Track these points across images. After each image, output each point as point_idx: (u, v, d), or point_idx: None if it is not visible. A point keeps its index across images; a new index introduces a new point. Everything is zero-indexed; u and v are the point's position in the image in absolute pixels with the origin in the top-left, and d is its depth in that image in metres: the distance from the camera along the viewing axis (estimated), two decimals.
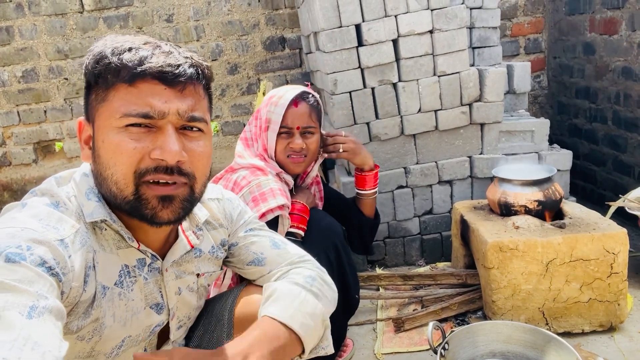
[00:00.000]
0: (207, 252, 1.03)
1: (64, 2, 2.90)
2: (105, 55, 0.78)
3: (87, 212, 0.82)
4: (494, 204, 1.90)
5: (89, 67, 0.81)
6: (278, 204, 1.43)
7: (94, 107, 0.82)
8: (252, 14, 3.00)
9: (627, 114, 2.49)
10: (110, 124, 0.79)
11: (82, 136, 0.86)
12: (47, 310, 0.64)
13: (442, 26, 2.11)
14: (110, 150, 0.79)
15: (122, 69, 0.77)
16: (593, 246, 1.64)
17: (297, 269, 1.04)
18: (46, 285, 0.67)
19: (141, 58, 0.78)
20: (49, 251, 0.71)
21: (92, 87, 0.82)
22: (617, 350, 1.62)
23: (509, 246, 1.66)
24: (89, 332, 0.82)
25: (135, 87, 0.78)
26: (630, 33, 2.39)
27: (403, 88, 2.16)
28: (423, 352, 1.70)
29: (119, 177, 0.79)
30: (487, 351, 1.51)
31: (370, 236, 1.84)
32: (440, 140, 2.26)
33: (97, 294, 0.82)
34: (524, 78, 2.50)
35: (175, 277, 0.96)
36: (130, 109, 0.77)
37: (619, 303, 1.68)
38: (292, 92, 1.55)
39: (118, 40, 0.81)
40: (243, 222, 1.09)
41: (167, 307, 0.95)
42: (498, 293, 1.69)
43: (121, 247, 0.87)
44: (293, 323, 0.88)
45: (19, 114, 3.04)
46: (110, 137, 0.79)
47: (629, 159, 2.52)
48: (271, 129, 1.55)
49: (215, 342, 1.05)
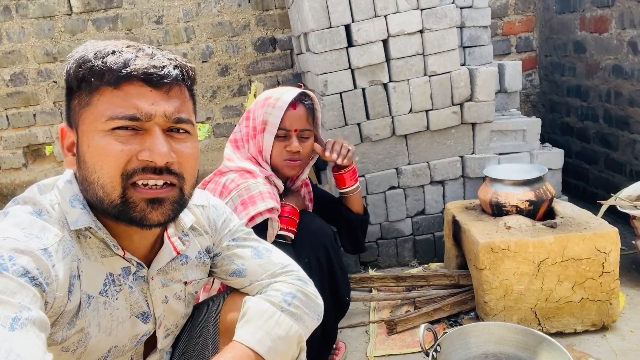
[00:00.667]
0: (194, 258, 1.02)
1: (52, 5, 2.87)
2: (88, 59, 0.77)
3: (72, 220, 0.81)
4: (485, 204, 1.89)
5: (71, 72, 0.80)
6: (267, 207, 1.42)
7: (77, 113, 0.80)
8: (243, 14, 2.99)
9: (618, 112, 2.50)
10: (95, 127, 0.77)
11: (64, 143, 0.85)
12: (30, 322, 0.63)
13: (432, 26, 2.10)
14: (96, 153, 0.77)
15: (106, 72, 0.76)
16: (584, 245, 1.64)
17: (278, 284, 1.01)
18: (29, 296, 0.66)
19: (125, 60, 0.77)
20: (32, 261, 0.70)
21: (75, 92, 0.80)
22: (610, 349, 1.62)
23: (500, 247, 1.65)
24: (73, 342, 0.80)
25: (121, 89, 0.77)
26: (620, 31, 2.39)
27: (394, 88, 2.15)
28: (415, 354, 1.69)
29: (105, 181, 0.78)
30: (480, 353, 1.50)
31: (361, 233, 1.82)
32: (432, 141, 2.25)
33: (82, 303, 0.80)
34: (515, 77, 2.50)
35: (161, 285, 0.95)
36: (116, 111, 0.76)
37: (611, 302, 1.68)
38: (290, 93, 1.53)
39: (99, 45, 0.80)
40: (228, 230, 1.07)
41: (154, 316, 0.94)
42: (490, 294, 1.68)
43: (106, 255, 0.85)
44: (260, 347, 0.87)
45: (7, 117, 3.01)
46: (95, 140, 0.77)
47: (621, 157, 2.52)
48: (268, 130, 1.52)
49: (201, 348, 1.04)
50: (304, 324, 0.98)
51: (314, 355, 1.56)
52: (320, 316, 1.04)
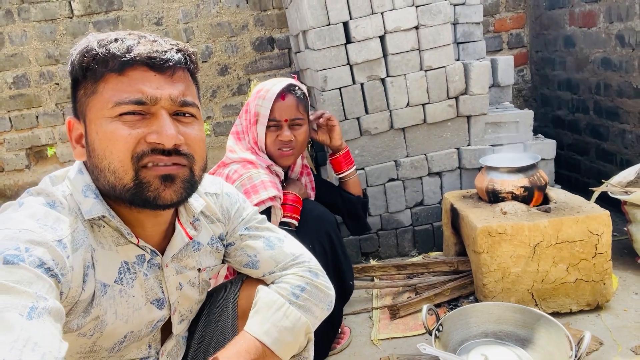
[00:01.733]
0: (207, 245, 1.03)
1: (54, 8, 2.93)
2: (92, 48, 0.79)
3: (85, 209, 0.82)
4: (482, 192, 1.96)
5: (76, 63, 0.81)
6: (269, 196, 1.47)
7: (83, 103, 0.82)
8: (241, 15, 3.05)
9: (607, 103, 2.58)
10: (102, 115, 0.79)
11: (72, 135, 0.85)
12: (47, 311, 0.64)
13: (427, 22, 2.17)
14: (105, 139, 0.79)
15: (110, 58, 0.78)
16: (577, 228, 1.71)
17: (288, 277, 1.04)
18: (45, 286, 0.67)
19: (128, 46, 0.78)
20: (48, 252, 0.71)
21: (80, 82, 0.82)
22: (605, 327, 1.69)
23: (497, 230, 1.72)
24: (90, 329, 0.82)
25: (125, 75, 0.78)
26: (608, 25, 2.47)
27: (391, 83, 2.22)
28: (418, 336, 1.75)
29: (116, 165, 0.79)
30: (480, 331, 1.57)
31: (363, 213, 1.91)
32: (429, 133, 2.32)
33: (96, 292, 0.82)
34: (508, 71, 2.58)
35: (175, 272, 0.96)
36: (122, 97, 0.78)
37: (604, 282, 1.75)
38: (278, 85, 1.60)
39: (101, 35, 0.82)
40: (241, 219, 1.08)
41: (169, 302, 0.96)
42: (488, 276, 1.75)
43: (120, 243, 0.87)
44: (266, 338, 0.92)
45: (10, 120, 3.05)
46: (104, 127, 0.79)
47: (611, 147, 2.60)
48: (260, 122, 1.59)
49: (220, 332, 1.07)
50: (312, 315, 1.02)
51: (320, 339, 1.62)
52: (330, 306, 1.07)
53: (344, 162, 1.82)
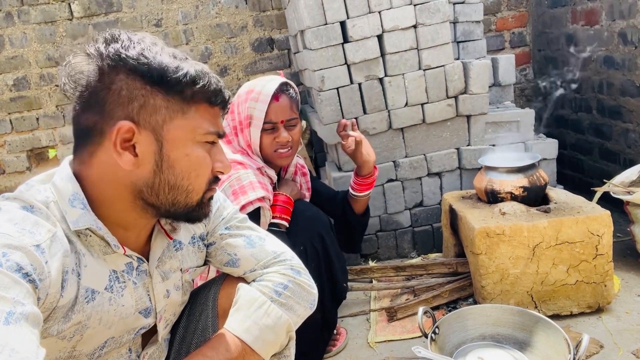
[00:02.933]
0: (188, 244, 1.02)
1: (53, 10, 2.93)
2: (200, 77, 0.83)
3: (72, 220, 0.81)
4: (481, 192, 1.93)
5: (180, 80, 0.80)
6: (257, 197, 1.45)
7: (161, 115, 0.81)
8: (240, 16, 3.04)
9: (610, 102, 2.54)
10: (193, 137, 0.84)
11: (120, 138, 0.79)
12: (24, 317, 0.63)
13: (426, 20, 2.15)
14: (196, 163, 0.85)
15: (212, 93, 0.85)
16: (578, 229, 1.68)
17: (270, 275, 1.03)
18: (23, 291, 0.66)
19: (220, 86, 0.87)
20: (25, 257, 0.70)
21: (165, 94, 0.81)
22: (606, 330, 1.66)
23: (495, 231, 1.69)
24: (70, 332, 0.81)
25: (214, 109, 0.87)
26: (611, 23, 2.44)
27: (389, 83, 2.20)
28: (416, 338, 1.73)
29: (196, 188, 0.86)
30: (477, 334, 1.54)
31: (359, 236, 1.86)
32: (428, 133, 2.30)
33: (78, 298, 0.80)
34: (509, 70, 2.55)
35: (161, 279, 0.95)
36: (211, 127, 0.86)
37: (605, 284, 1.71)
38: (270, 85, 1.55)
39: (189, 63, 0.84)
40: (222, 218, 1.07)
41: (155, 311, 0.95)
42: (487, 278, 1.72)
43: (107, 252, 0.86)
44: (246, 336, 0.91)
45: (11, 122, 3.07)
46: (196, 150, 0.85)
47: (614, 147, 2.56)
48: (254, 125, 1.54)
49: (201, 331, 1.06)
50: (294, 314, 1.00)
51: (315, 340, 1.60)
52: (313, 305, 1.05)
53: (365, 186, 1.77)
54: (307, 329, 1.48)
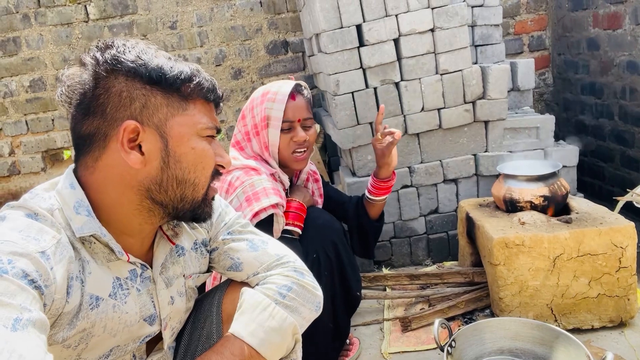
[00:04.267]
0: (190, 249, 1.02)
1: (70, 12, 2.94)
2: (193, 75, 0.87)
3: (76, 227, 0.81)
4: (499, 201, 1.89)
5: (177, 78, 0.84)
6: (271, 203, 1.43)
7: (163, 113, 0.83)
8: (255, 18, 3.02)
9: (633, 108, 2.47)
10: (195, 132, 0.86)
11: (126, 138, 0.81)
12: (31, 323, 0.64)
13: (443, 24, 2.11)
14: (202, 155, 0.87)
15: (207, 90, 0.88)
16: (600, 240, 1.62)
17: (273, 277, 1.02)
18: (29, 297, 0.67)
19: (214, 84, 0.91)
20: (31, 263, 0.70)
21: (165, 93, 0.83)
22: (628, 346, 1.60)
23: (514, 242, 1.64)
24: (75, 340, 0.81)
25: (209, 104, 0.90)
26: (634, 27, 2.37)
27: (405, 87, 2.16)
28: (430, 350, 1.69)
29: (202, 180, 0.88)
30: (495, 348, 1.49)
31: (373, 240, 1.83)
32: (444, 139, 2.25)
33: (83, 304, 0.80)
34: (528, 75, 2.49)
35: (165, 285, 0.95)
36: (210, 122, 0.89)
37: (628, 298, 1.66)
38: (286, 86, 1.55)
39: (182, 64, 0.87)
40: (224, 224, 1.08)
41: (159, 318, 0.95)
42: (505, 290, 1.67)
43: (111, 259, 0.86)
44: (252, 340, 0.89)
45: (27, 123, 3.09)
46: (199, 143, 0.87)
47: (637, 154, 2.49)
48: (272, 125, 1.53)
49: (205, 338, 1.05)
50: (300, 316, 0.99)
51: (327, 350, 1.57)
52: (319, 307, 1.04)
53: (383, 190, 1.75)
54: (318, 338, 1.46)
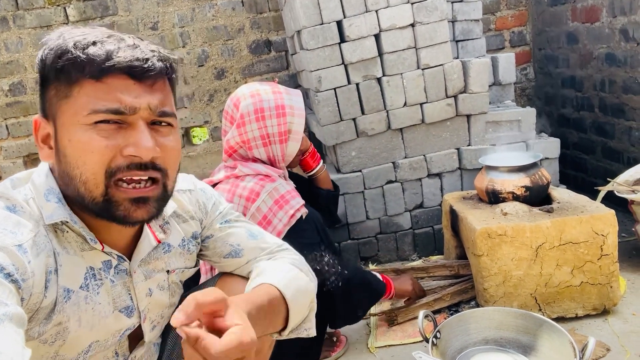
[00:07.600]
0: (177, 246, 0.99)
1: (49, 14, 2.91)
2: (67, 50, 0.74)
3: (46, 214, 0.79)
4: (482, 193, 1.90)
5: (47, 62, 0.76)
6: (300, 204, 1.53)
7: (54, 104, 0.78)
8: (237, 18, 3.01)
9: (613, 100, 2.50)
10: (76, 121, 0.75)
11: (39, 135, 0.81)
12: (8, 318, 0.62)
13: (423, 19, 2.12)
14: (79, 148, 0.75)
15: (87, 64, 0.74)
16: (582, 229, 1.63)
17: (281, 252, 1.04)
18: (5, 292, 0.65)
19: (108, 52, 0.74)
20: (7, 257, 0.68)
21: (51, 81, 0.77)
22: (612, 332, 1.61)
23: (497, 232, 1.65)
24: (51, 335, 0.79)
25: (103, 82, 0.75)
26: (612, 19, 2.40)
27: (387, 82, 2.17)
28: (417, 343, 1.69)
29: (88, 177, 0.76)
30: (480, 338, 1.50)
31: (334, 207, 1.96)
32: (428, 134, 2.26)
33: (58, 298, 0.78)
34: (509, 69, 2.51)
35: (144, 277, 0.92)
36: (99, 105, 0.74)
37: (611, 285, 1.67)
38: (297, 99, 1.64)
39: (77, 33, 0.77)
40: (219, 213, 1.05)
41: (138, 310, 0.92)
42: (489, 280, 1.68)
43: (85, 249, 0.83)
44: (286, 291, 0.88)
45: (7, 127, 3.03)
46: (78, 135, 0.75)
47: (618, 145, 2.52)
48: (293, 138, 1.64)
49: None
50: (313, 286, 1.00)
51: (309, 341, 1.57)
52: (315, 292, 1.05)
53: (312, 160, 1.84)
54: None
